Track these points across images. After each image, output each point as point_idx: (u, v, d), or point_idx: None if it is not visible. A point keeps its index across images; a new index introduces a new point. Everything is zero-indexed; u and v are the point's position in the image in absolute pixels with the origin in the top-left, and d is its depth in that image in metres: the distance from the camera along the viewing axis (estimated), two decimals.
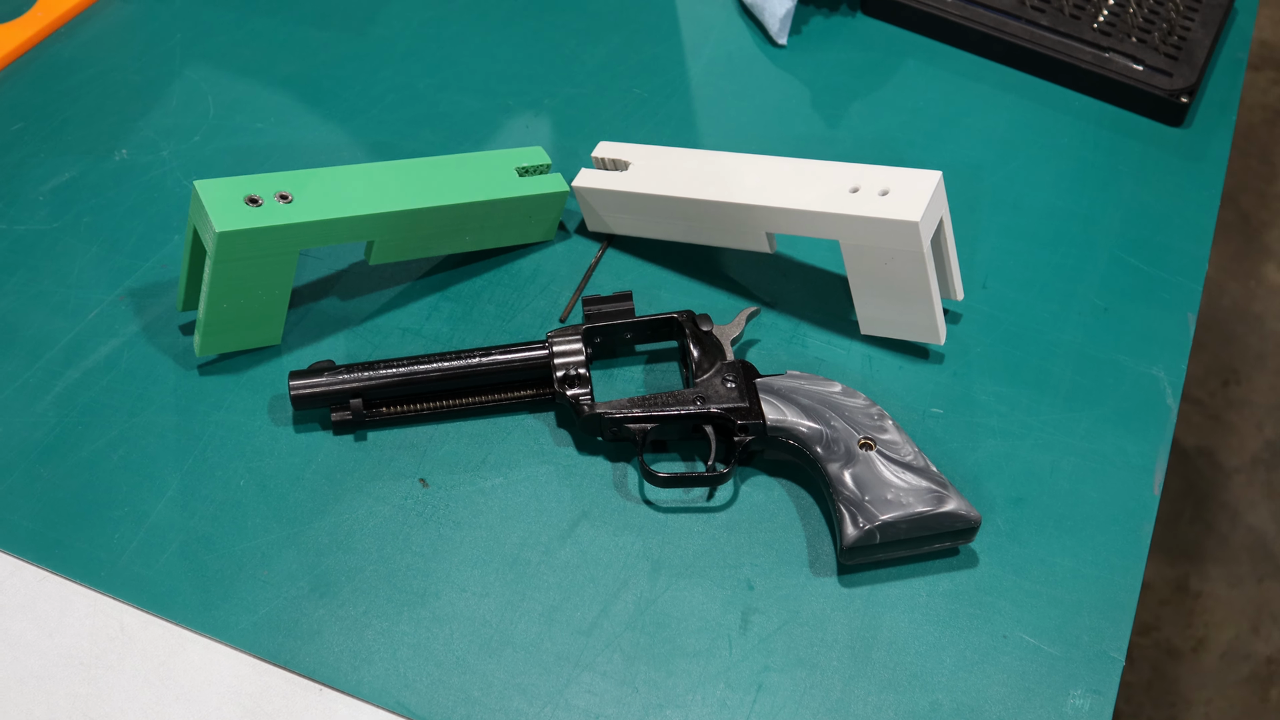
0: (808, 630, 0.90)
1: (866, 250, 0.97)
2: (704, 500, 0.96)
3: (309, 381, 0.96)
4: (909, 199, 0.95)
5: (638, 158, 1.07)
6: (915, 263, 0.96)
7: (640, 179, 1.05)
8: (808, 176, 1.00)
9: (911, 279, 0.97)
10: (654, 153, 1.07)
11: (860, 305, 1.02)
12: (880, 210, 0.95)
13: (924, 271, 0.96)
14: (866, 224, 0.96)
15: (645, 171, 1.06)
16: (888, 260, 0.97)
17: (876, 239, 0.96)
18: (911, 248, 0.95)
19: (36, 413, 0.99)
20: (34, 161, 1.14)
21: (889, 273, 0.98)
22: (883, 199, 0.96)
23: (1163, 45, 1.23)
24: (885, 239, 0.96)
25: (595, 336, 1.00)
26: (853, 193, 0.97)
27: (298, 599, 0.90)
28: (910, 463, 0.92)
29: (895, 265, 0.97)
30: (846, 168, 0.99)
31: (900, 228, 0.94)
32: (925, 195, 0.95)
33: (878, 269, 0.98)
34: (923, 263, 0.96)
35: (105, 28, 1.26)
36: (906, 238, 0.95)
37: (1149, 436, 1.00)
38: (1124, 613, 0.91)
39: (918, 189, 0.96)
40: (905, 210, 0.94)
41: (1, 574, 0.91)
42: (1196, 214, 1.14)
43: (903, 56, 1.26)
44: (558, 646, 0.89)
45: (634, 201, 1.05)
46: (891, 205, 0.95)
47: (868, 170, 0.98)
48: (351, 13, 1.28)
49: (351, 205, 0.97)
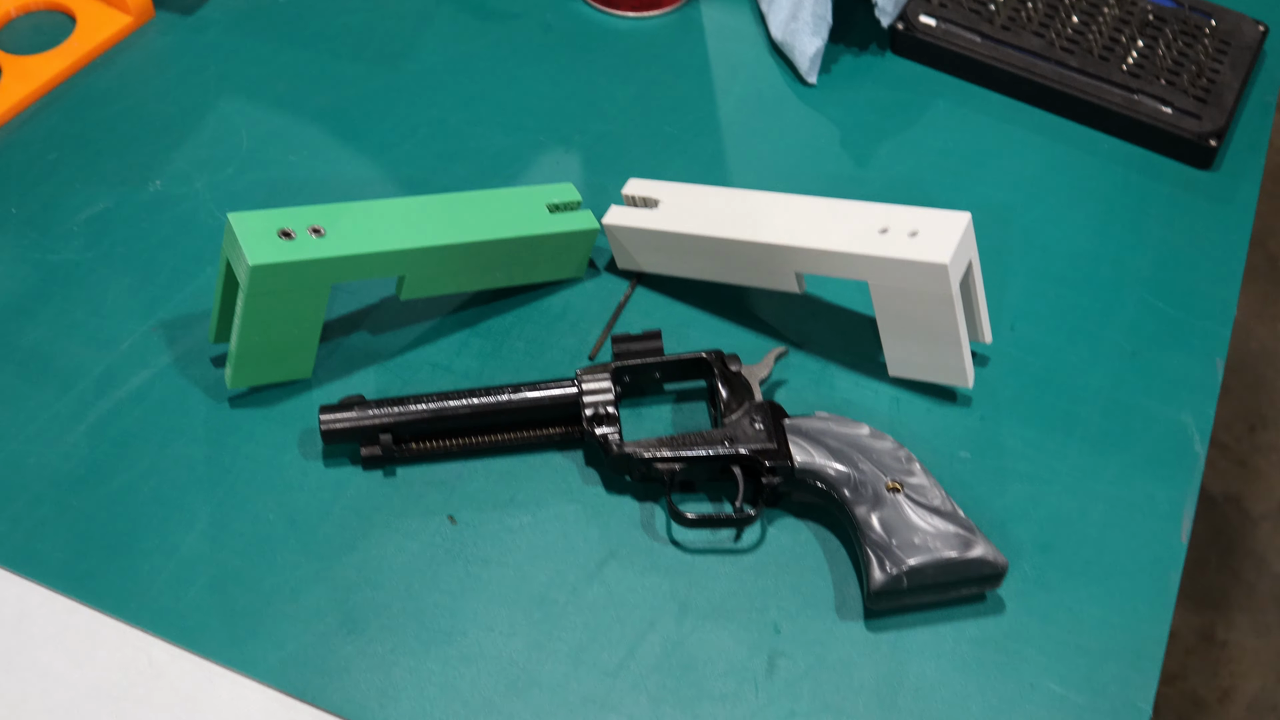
0: (834, 675, 0.90)
1: (895, 292, 0.97)
2: (731, 542, 0.96)
3: (339, 416, 0.97)
4: (938, 241, 0.95)
5: (668, 195, 1.08)
6: (944, 305, 0.96)
7: (670, 217, 1.06)
8: (837, 217, 1.00)
9: (940, 321, 0.98)
10: (684, 190, 1.08)
11: (888, 347, 1.02)
12: (909, 252, 0.95)
13: (952, 314, 0.97)
14: (895, 265, 0.96)
15: (675, 209, 1.06)
16: (916, 302, 0.97)
17: (905, 280, 0.96)
18: (940, 290, 0.95)
19: (68, 443, 0.99)
20: (68, 191, 1.15)
21: (918, 314, 0.98)
22: (912, 240, 0.96)
23: (1192, 88, 1.23)
24: (914, 281, 0.96)
25: (624, 375, 1.00)
26: (882, 233, 0.97)
27: (325, 635, 0.90)
28: (938, 507, 0.92)
29: (924, 307, 0.97)
30: (876, 208, 0.99)
31: (929, 270, 0.95)
32: (955, 237, 0.95)
33: (906, 310, 0.98)
34: (951, 305, 0.96)
35: (141, 59, 1.27)
36: (935, 280, 0.95)
37: (1177, 483, 1.00)
38: (1151, 662, 0.91)
39: (947, 230, 0.96)
40: (934, 252, 0.95)
41: (31, 604, 0.92)
42: (1225, 257, 1.14)
43: (932, 96, 1.27)
44: (584, 688, 0.89)
45: (663, 240, 1.06)
46: (921, 247, 0.95)
47: (897, 211, 0.99)
48: (385, 48, 1.29)
49: (384, 240, 0.98)
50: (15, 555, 0.94)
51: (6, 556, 0.94)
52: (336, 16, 1.31)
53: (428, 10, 1.32)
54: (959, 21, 1.28)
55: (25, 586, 0.93)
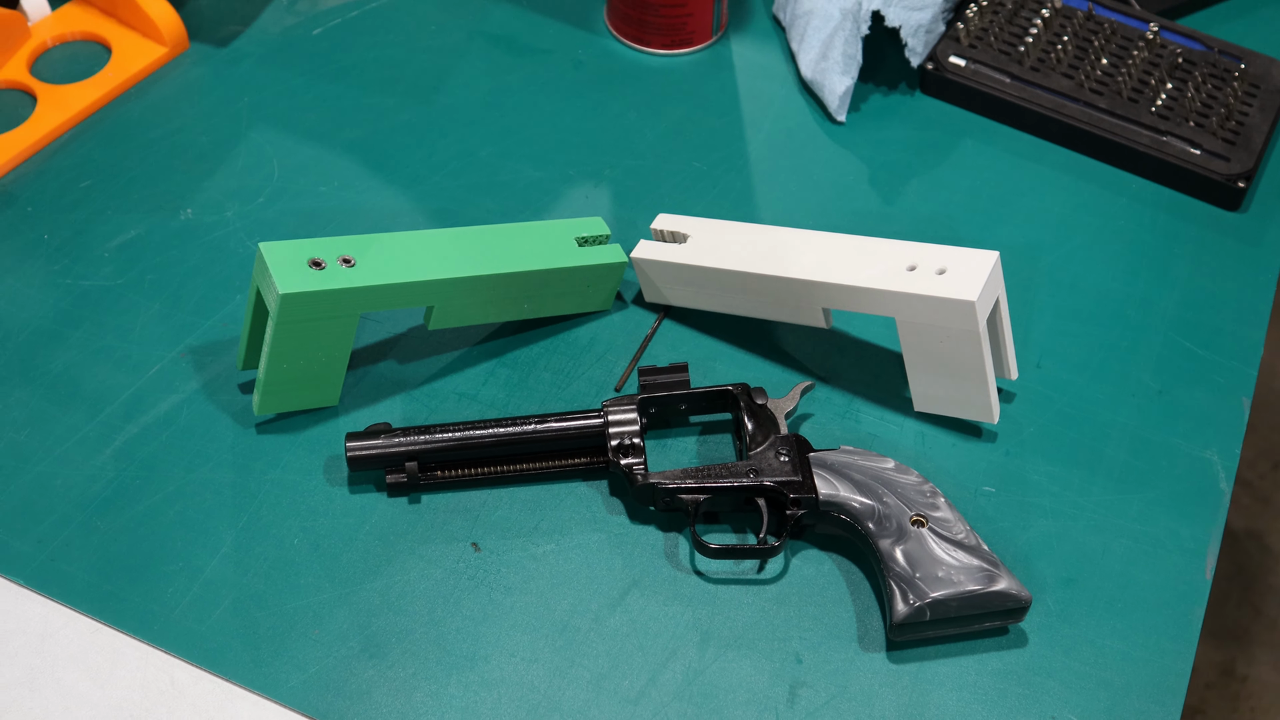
0: (855, 706, 0.89)
1: (922, 328, 0.97)
2: (754, 572, 0.96)
3: (365, 444, 0.97)
4: (966, 278, 0.95)
5: (696, 230, 1.08)
6: (971, 342, 0.96)
7: (698, 252, 1.06)
8: (865, 254, 1.00)
9: (967, 358, 0.98)
10: (712, 226, 1.08)
11: (914, 382, 1.02)
12: (937, 289, 0.95)
13: (979, 351, 0.97)
14: (923, 302, 0.96)
15: (703, 244, 1.07)
16: (943, 339, 0.97)
17: (933, 317, 0.96)
18: (968, 327, 0.95)
19: (95, 466, 1.00)
20: (101, 219, 1.16)
21: (944, 351, 0.98)
22: (940, 278, 0.96)
23: (1220, 130, 1.23)
24: (942, 318, 0.96)
25: (650, 407, 1.01)
26: (910, 271, 0.98)
27: (348, 659, 0.91)
28: (962, 541, 0.92)
29: (951, 344, 0.97)
30: (904, 246, 1.00)
31: (957, 307, 0.95)
32: (982, 275, 0.95)
33: (933, 347, 0.98)
34: (978, 342, 0.96)
35: (174, 89, 1.28)
36: (963, 317, 0.95)
37: (1201, 520, 1.00)
38: (1174, 697, 0.90)
39: (975, 268, 0.96)
40: (962, 290, 0.95)
41: (56, 624, 0.92)
42: (1252, 298, 1.14)
43: (961, 136, 1.27)
44: (605, 715, 0.89)
45: (692, 274, 1.06)
46: (949, 284, 0.95)
47: (925, 249, 0.99)
48: (417, 81, 1.30)
49: (413, 271, 0.98)
50: (41, 575, 0.94)
51: (32, 577, 0.94)
52: (369, 50, 1.32)
53: (460, 45, 1.33)
54: (988, 62, 1.28)
55: (50, 607, 0.93)
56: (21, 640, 0.92)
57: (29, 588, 0.94)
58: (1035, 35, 1.30)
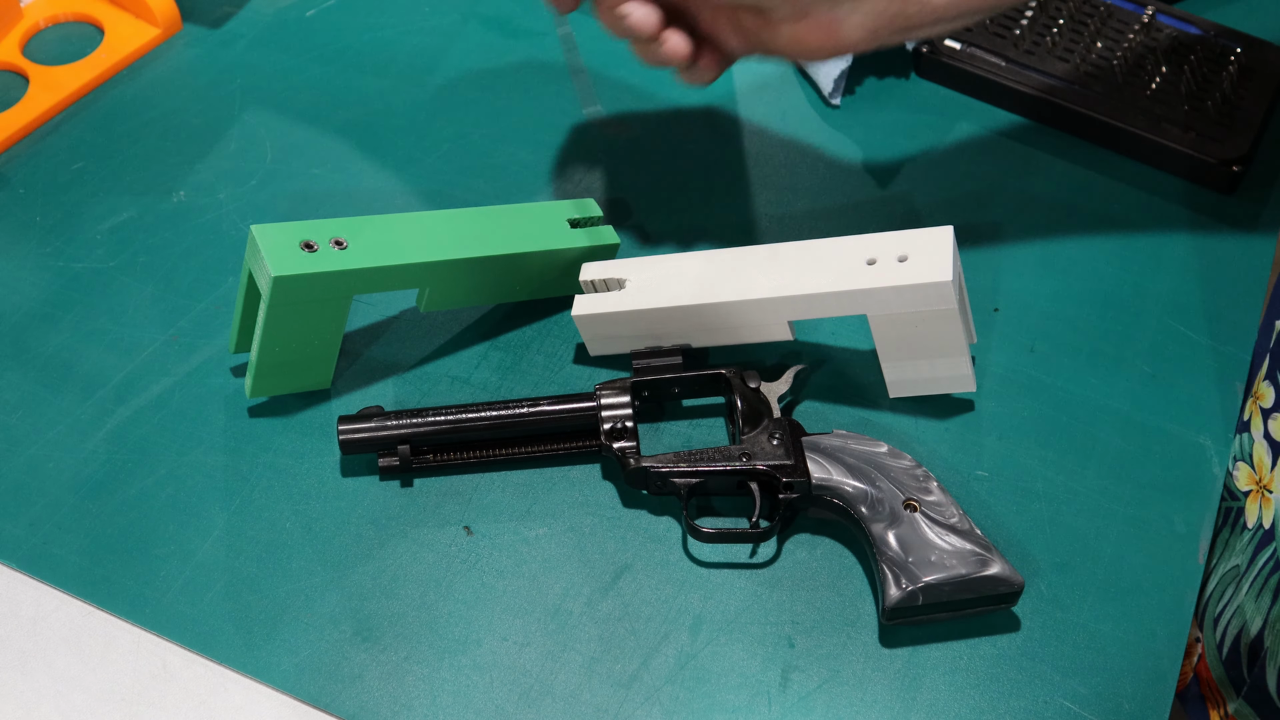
0: (848, 690, 0.89)
1: (896, 318, 0.97)
2: (747, 556, 0.96)
3: (357, 426, 0.97)
4: (932, 260, 0.95)
5: (630, 272, 1.04)
6: (948, 320, 0.96)
7: (641, 295, 1.02)
8: (820, 258, 0.99)
9: (942, 335, 0.97)
10: (645, 264, 1.05)
11: (889, 371, 1.01)
12: (908, 277, 0.95)
13: (957, 326, 0.96)
14: (896, 293, 0.95)
15: (644, 286, 1.03)
16: (918, 323, 0.97)
17: (906, 305, 0.96)
18: (943, 306, 0.95)
19: (87, 449, 1.00)
20: (93, 201, 1.16)
21: (919, 334, 0.98)
22: (905, 265, 0.95)
23: (1215, 114, 1.23)
24: (916, 303, 0.95)
25: (643, 390, 1.01)
26: (870, 265, 0.97)
27: (340, 643, 0.91)
28: (955, 525, 0.92)
29: (925, 326, 0.97)
30: (855, 241, 0.99)
31: (932, 289, 0.94)
32: (947, 253, 0.95)
33: (907, 333, 0.98)
34: (956, 319, 0.96)
35: (167, 71, 1.27)
36: (939, 298, 0.95)
37: (1194, 505, 1.00)
38: (1166, 681, 0.90)
39: (937, 248, 0.95)
40: (933, 272, 0.94)
41: (47, 608, 0.92)
42: (1247, 282, 1.14)
43: (955, 119, 1.27)
44: (597, 699, 0.89)
45: (640, 319, 1.03)
46: (917, 270, 0.95)
47: (877, 239, 0.98)
48: (411, 63, 1.30)
49: (405, 253, 0.98)
50: (32, 559, 0.94)
51: (24, 560, 0.94)
52: (362, 32, 1.32)
53: (454, 27, 1.33)
54: (983, 45, 1.28)
55: (41, 590, 0.93)
56: (13, 624, 0.92)
57: (20, 571, 0.94)
58: (1030, 18, 1.29)
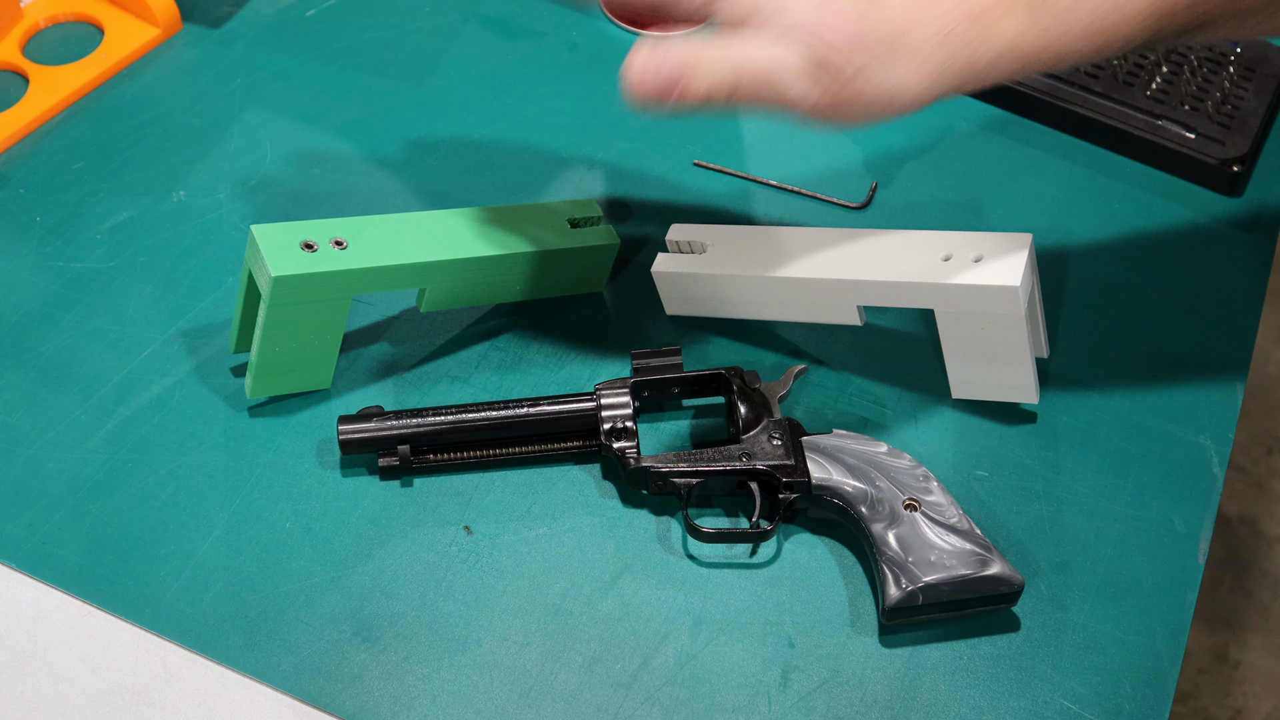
0: (848, 690, 0.89)
1: (963, 316, 0.97)
2: (747, 556, 0.96)
3: (357, 427, 0.97)
4: (1006, 264, 0.95)
5: (715, 239, 1.06)
6: (1014, 326, 0.96)
7: (723, 261, 1.04)
8: (897, 247, 0.99)
9: (1009, 342, 0.97)
10: (730, 232, 1.06)
11: (953, 370, 1.01)
12: (978, 277, 0.95)
13: (1022, 334, 0.96)
14: (965, 291, 0.95)
15: (726, 253, 1.05)
16: (985, 325, 0.97)
17: (974, 305, 0.96)
18: (1010, 311, 0.95)
19: (87, 449, 1.00)
20: (93, 201, 1.16)
21: (985, 337, 0.97)
22: (979, 265, 0.95)
23: (1215, 114, 1.23)
24: (984, 304, 0.95)
25: (643, 390, 1.01)
26: (945, 260, 0.97)
27: (340, 643, 0.91)
28: (955, 525, 0.92)
29: (992, 329, 0.97)
30: (934, 235, 0.99)
31: (1000, 293, 0.94)
32: (1021, 259, 0.95)
33: (974, 334, 0.97)
34: (1021, 326, 0.96)
35: (167, 71, 1.27)
36: (1007, 302, 0.94)
37: (1194, 505, 1.00)
38: (1166, 682, 0.90)
39: (1012, 253, 0.95)
40: (1004, 275, 0.94)
41: (47, 608, 0.92)
42: (1247, 283, 1.14)
43: (954, 119, 1.27)
44: (597, 699, 0.89)
45: (719, 284, 1.04)
46: (989, 271, 0.95)
47: (957, 237, 0.98)
48: (410, 63, 1.30)
49: (405, 253, 0.98)
50: (32, 559, 0.94)
51: (24, 560, 0.94)
52: (363, 32, 1.32)
53: (454, 27, 1.33)
54: None
55: (41, 590, 0.93)
56: (13, 624, 0.92)
57: (21, 571, 0.94)
58: None
